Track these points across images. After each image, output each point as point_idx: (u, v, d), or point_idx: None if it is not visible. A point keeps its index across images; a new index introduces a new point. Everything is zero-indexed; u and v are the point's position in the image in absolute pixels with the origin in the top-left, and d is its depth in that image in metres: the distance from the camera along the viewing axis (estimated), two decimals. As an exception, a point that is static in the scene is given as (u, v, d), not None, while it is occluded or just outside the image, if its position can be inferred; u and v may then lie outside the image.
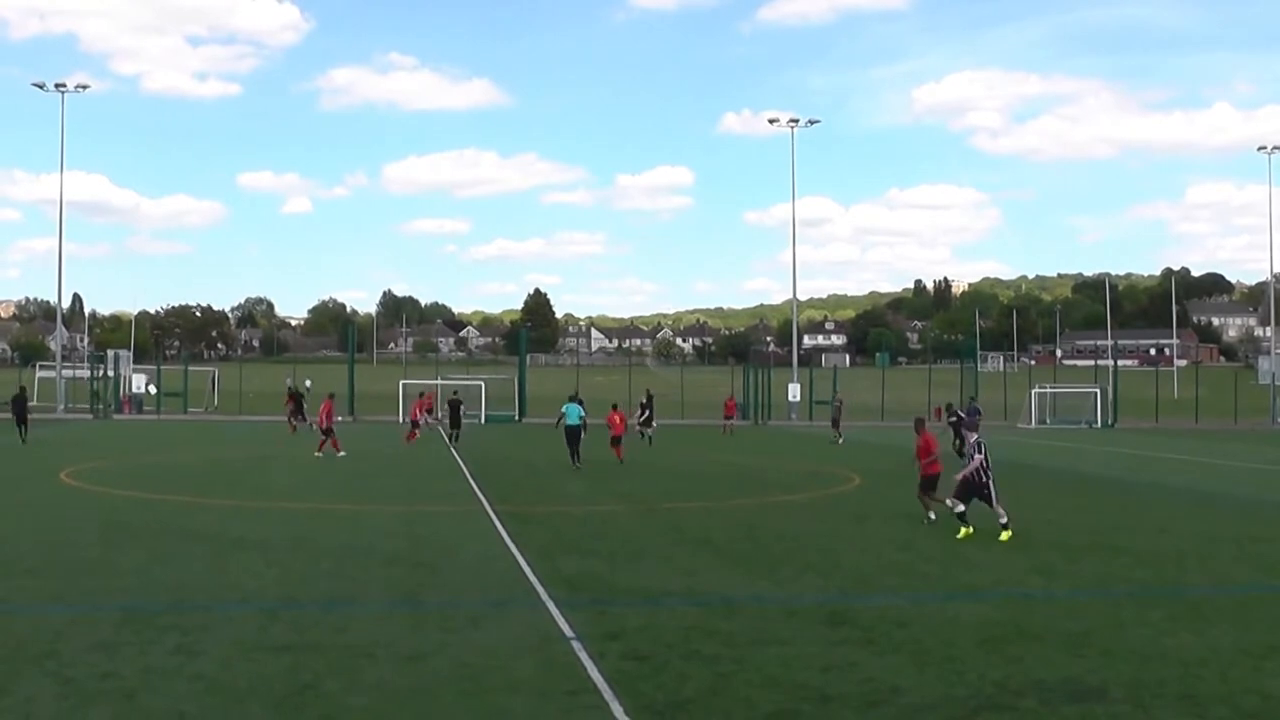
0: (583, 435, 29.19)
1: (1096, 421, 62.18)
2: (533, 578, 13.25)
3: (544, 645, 10.04)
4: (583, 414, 29.45)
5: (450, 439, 37.71)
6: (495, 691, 8.58)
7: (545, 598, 12.08)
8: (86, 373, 67.34)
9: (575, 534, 17.23)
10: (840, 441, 41.98)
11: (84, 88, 67.11)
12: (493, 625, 10.95)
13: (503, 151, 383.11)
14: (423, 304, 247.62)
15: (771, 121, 72.58)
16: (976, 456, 17.18)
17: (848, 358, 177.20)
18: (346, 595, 12.46)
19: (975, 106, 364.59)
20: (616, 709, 8.09)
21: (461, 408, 39.00)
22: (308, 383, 62.86)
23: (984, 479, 17.05)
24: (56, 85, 65.00)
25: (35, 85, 65.30)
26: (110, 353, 70.79)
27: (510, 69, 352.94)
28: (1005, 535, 16.65)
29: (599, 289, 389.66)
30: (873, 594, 12.74)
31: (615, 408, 32.89)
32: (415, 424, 39.72)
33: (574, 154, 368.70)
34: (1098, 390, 64.45)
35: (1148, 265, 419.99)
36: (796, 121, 71.06)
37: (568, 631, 10.49)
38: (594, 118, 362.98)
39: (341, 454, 31.96)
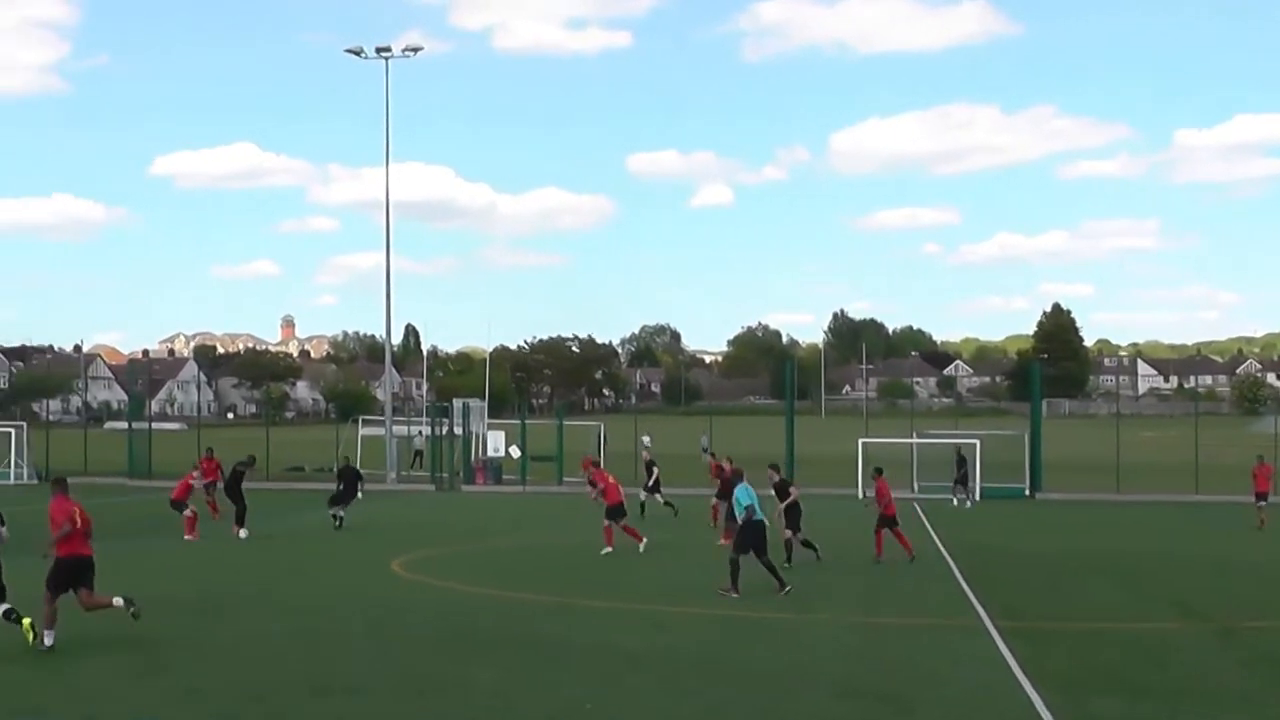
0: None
1: None
2: (1051, 724, 13.01)
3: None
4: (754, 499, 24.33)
5: (336, 522, 34.94)
6: None
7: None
8: (424, 430, 71.53)
9: (1114, 663, 16.96)
10: None
11: (414, 50, 69.66)
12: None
13: (1005, 104, 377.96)
14: (890, 330, 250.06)
15: None
16: None
17: None
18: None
19: None
20: None
21: (361, 483, 34.67)
22: (645, 439, 63.22)
23: None
24: (378, 50, 67.40)
25: (350, 52, 68.17)
26: (457, 402, 74.50)
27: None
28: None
29: (1149, 303, 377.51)
30: None
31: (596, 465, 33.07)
32: (182, 504, 33.86)
33: (1110, 104, 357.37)
34: None
35: None
36: None
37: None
38: (1138, 50, 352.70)
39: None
